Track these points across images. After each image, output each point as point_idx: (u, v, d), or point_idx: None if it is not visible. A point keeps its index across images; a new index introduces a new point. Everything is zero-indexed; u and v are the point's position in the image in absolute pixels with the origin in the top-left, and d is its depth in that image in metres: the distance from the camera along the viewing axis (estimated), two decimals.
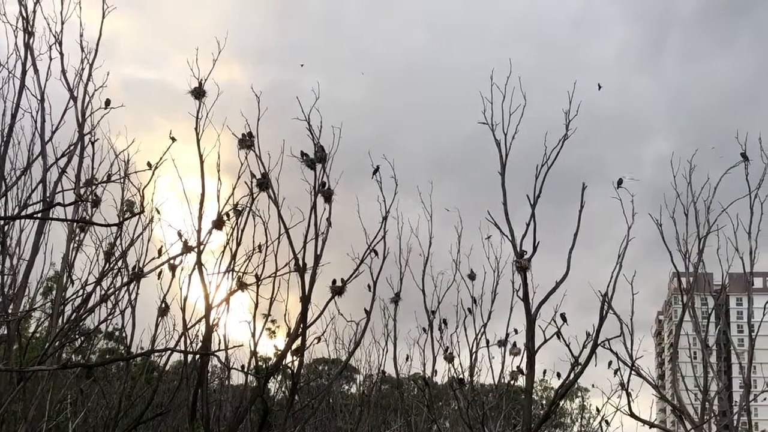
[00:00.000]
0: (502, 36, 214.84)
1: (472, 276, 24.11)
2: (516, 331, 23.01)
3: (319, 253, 18.98)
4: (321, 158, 19.22)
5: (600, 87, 21.11)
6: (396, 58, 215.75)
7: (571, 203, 20.79)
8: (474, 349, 24.07)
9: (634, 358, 21.05)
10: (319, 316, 19.49)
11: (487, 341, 24.05)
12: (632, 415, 21.11)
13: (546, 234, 21.02)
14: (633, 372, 21.13)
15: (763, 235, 22.72)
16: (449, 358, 24.31)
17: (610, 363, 21.26)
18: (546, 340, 20.52)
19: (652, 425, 22.14)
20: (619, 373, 21.20)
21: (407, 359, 27.15)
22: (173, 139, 18.74)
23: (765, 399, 23.96)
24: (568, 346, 20.07)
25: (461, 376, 23.79)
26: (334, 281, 19.77)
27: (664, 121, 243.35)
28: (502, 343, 23.95)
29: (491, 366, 24.25)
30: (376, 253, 20.62)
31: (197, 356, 19.41)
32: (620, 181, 21.24)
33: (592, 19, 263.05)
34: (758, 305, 27.23)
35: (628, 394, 21.02)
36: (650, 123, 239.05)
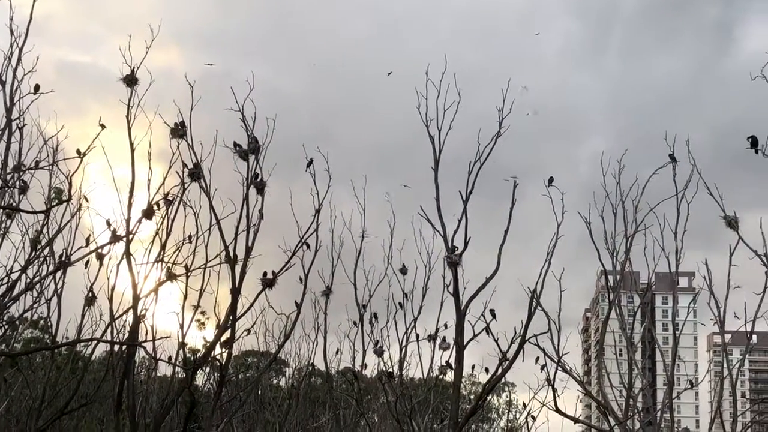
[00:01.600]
0: (446, 30, 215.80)
1: (403, 270, 24.18)
2: (446, 326, 23.16)
3: (250, 244, 18.86)
4: (254, 149, 19.10)
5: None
6: (339, 49, 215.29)
7: (507, 199, 20.99)
8: (404, 344, 24.20)
9: (560, 355, 21.31)
10: (249, 308, 19.41)
11: (417, 336, 24.19)
12: (557, 410, 21.37)
13: (482, 230, 21.20)
14: (559, 368, 21.39)
15: (688, 236, 23.10)
16: (379, 352, 24.37)
17: (537, 359, 21.52)
18: (475, 336, 20.65)
19: (576, 421, 22.45)
20: (545, 369, 21.46)
21: (337, 352, 27.18)
22: (102, 126, 18.50)
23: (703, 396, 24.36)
24: (496, 341, 20.24)
25: (391, 370, 23.88)
26: (265, 273, 19.67)
27: (602, 118, 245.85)
28: (431, 338, 24.08)
29: (420, 360, 24.42)
30: (308, 246, 20.57)
31: (124, 347, 19.18)
32: (551, 180, 21.46)
33: (536, 14, 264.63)
34: (683, 304, 27.70)
35: (554, 390, 21.28)
36: (589, 120, 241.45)
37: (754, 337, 24.01)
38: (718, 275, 22.85)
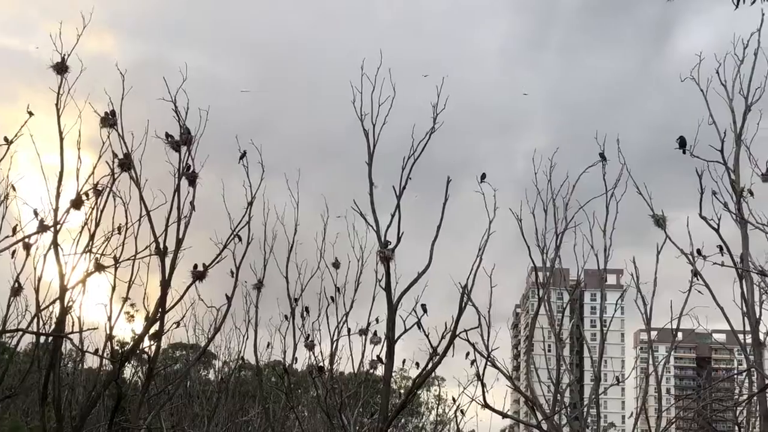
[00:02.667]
0: (385, 24, 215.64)
1: (336, 264, 24.14)
2: (377, 321, 23.17)
3: (181, 236, 18.70)
4: (186, 140, 18.93)
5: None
6: (280, 39, 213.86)
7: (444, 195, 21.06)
8: (335, 338, 24.16)
9: (490, 350, 21.45)
10: (178, 300, 19.26)
11: (349, 330, 24.17)
12: (486, 405, 21.52)
13: (419, 225, 21.24)
14: (489, 363, 21.53)
15: (617, 234, 23.45)
16: (310, 346, 24.31)
17: (467, 354, 21.65)
18: (406, 330, 20.74)
19: (504, 416, 22.62)
20: (475, 364, 21.60)
21: (268, 346, 27.03)
22: (30, 114, 18.18)
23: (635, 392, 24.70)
24: (427, 336, 20.33)
25: (321, 364, 23.83)
26: (195, 266, 19.52)
27: (541, 115, 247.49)
28: (363, 332, 24.08)
29: (351, 354, 24.40)
30: (240, 239, 20.46)
31: (50, 338, 18.91)
32: (483, 176, 21.60)
33: (476, 10, 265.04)
34: (610, 301, 28.18)
35: (483, 385, 21.43)
36: (528, 117, 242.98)
37: (680, 334, 24.46)
38: (647, 273, 23.25)
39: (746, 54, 21.00)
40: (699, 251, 21.09)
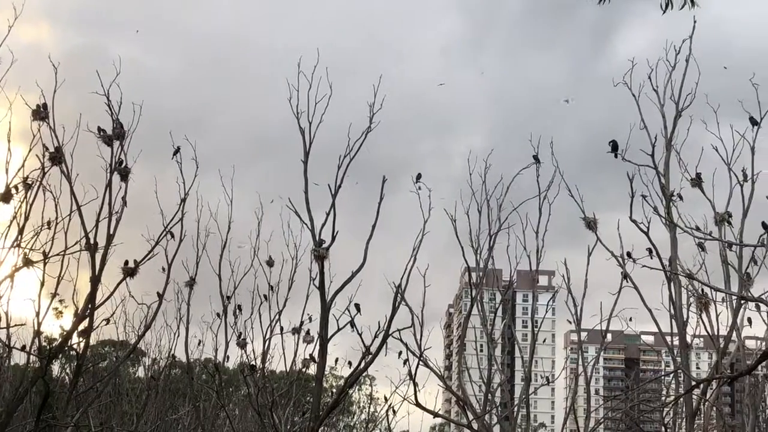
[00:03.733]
0: (327, 21, 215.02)
1: (270, 263, 24.02)
2: (310, 319, 23.09)
3: (112, 232, 18.48)
4: (119, 135, 18.72)
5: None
6: (218, 33, 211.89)
7: (387, 193, 21.09)
8: (268, 336, 24.03)
9: (422, 349, 21.55)
10: (108, 297, 19.04)
11: (282, 328, 24.06)
12: (418, 404, 21.61)
13: (357, 223, 21.21)
14: (421, 363, 21.63)
15: (552, 235, 23.75)
16: (242, 344, 24.16)
17: (400, 353, 21.72)
18: (339, 329, 20.71)
19: (436, 415, 22.74)
20: (408, 363, 21.69)
21: (199, 344, 26.87)
22: None
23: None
24: (360, 335, 20.35)
25: (253, 362, 23.70)
26: (126, 262, 19.32)
27: (481, 115, 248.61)
28: (296, 331, 24.00)
29: (284, 353, 24.31)
30: (173, 236, 20.28)
31: None
32: (419, 176, 21.70)
33: (418, 10, 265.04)
34: (542, 302, 28.45)
35: (415, 384, 21.52)
36: (469, 116, 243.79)
37: (609, 335, 24.82)
38: (580, 274, 23.56)
39: (678, 60, 21.37)
40: (629, 254, 21.39)
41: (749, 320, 21.22)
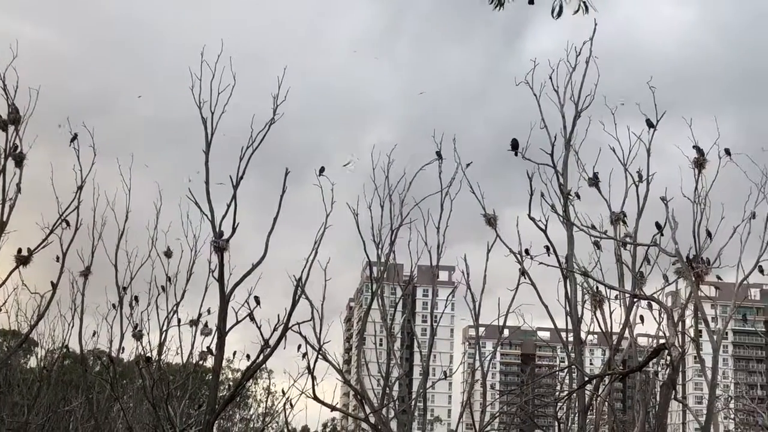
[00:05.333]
0: (237, 9, 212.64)
1: (168, 253, 23.72)
2: (209, 312, 22.89)
3: (5, 219, 18.04)
4: (14, 120, 18.27)
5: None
6: (122, 18, 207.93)
7: (293, 185, 21.00)
8: (165, 328, 23.72)
9: (322, 343, 21.54)
10: (0, 285, 18.62)
11: (179, 320, 23.78)
12: (315, 398, 21.61)
13: (264, 216, 21.05)
14: (320, 356, 21.61)
15: (454, 231, 23.97)
16: (138, 336, 23.82)
17: (299, 347, 21.68)
18: (238, 322, 20.57)
19: (333, 408, 22.77)
20: (307, 357, 21.65)
21: (94, 335, 26.35)
22: None
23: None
24: (259, 328, 20.24)
25: (149, 354, 23.36)
26: (20, 250, 18.91)
27: (392, 108, 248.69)
28: (194, 323, 23.76)
29: (181, 345, 24.03)
30: (68, 224, 19.89)
31: None
32: (322, 169, 21.67)
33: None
34: (442, 297, 28.70)
35: (314, 378, 21.53)
36: (379, 109, 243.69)
37: (506, 331, 25.17)
38: (481, 270, 23.81)
39: (578, 62, 21.72)
40: (527, 251, 21.76)
41: (641, 318, 21.76)
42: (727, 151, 21.26)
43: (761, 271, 21.93)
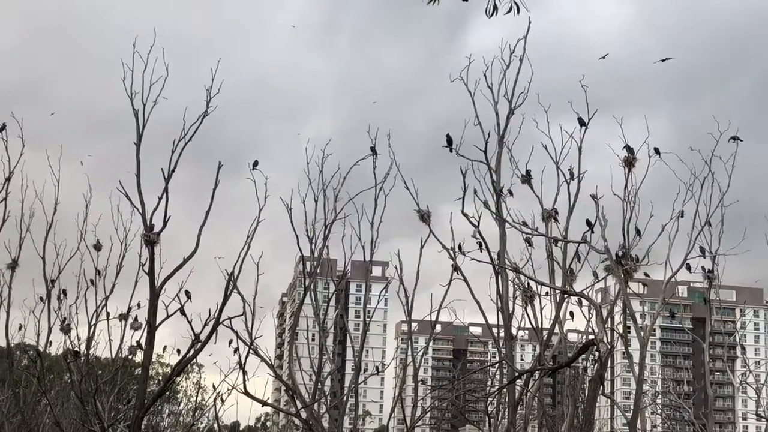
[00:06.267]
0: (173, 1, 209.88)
1: (97, 246, 23.42)
2: (139, 306, 22.65)
3: None
4: None
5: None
6: (52, 4, 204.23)
7: (231, 179, 20.85)
8: (93, 322, 23.42)
9: (253, 338, 21.42)
10: None
11: (108, 314, 23.50)
12: (246, 393, 21.48)
13: (198, 209, 20.89)
14: (251, 351, 21.49)
15: (385, 226, 23.98)
16: (66, 330, 23.49)
17: (230, 342, 21.51)
18: (168, 316, 20.39)
19: (264, 404, 22.64)
20: (238, 352, 21.51)
21: (21, 328, 25.94)
22: None
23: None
24: (189, 322, 20.08)
25: (77, 348, 23.03)
26: None
27: (330, 101, 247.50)
28: (123, 317, 23.49)
29: (110, 339, 23.74)
30: None
31: None
32: (255, 163, 21.55)
33: None
34: (375, 292, 28.77)
35: (244, 373, 21.39)
36: (317, 103, 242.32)
37: (438, 326, 25.29)
38: (414, 266, 23.86)
39: (512, 59, 21.86)
40: (460, 247, 21.86)
41: (571, 314, 22.00)
42: (657, 151, 21.56)
43: (689, 268, 22.31)
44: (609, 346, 16.81)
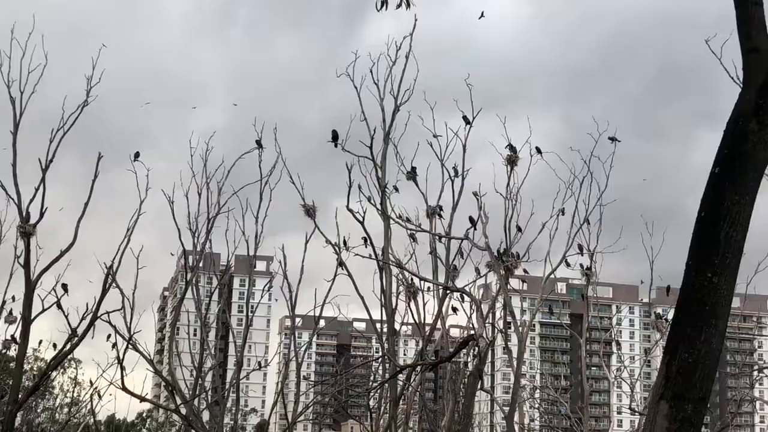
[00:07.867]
0: None
1: None
2: (14, 299, 22.03)
3: None
4: None
5: None
6: None
7: (115, 170, 20.44)
8: None
9: (132, 333, 21.07)
10: None
11: None
12: (125, 388, 21.07)
13: (82, 201, 20.45)
14: (130, 346, 21.12)
15: (272, 221, 23.86)
16: None
17: (108, 336, 21.10)
18: (44, 310, 19.98)
19: (142, 399, 22.24)
20: (116, 346, 21.11)
21: None
22: None
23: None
24: (66, 316, 19.70)
25: None
26: None
27: (222, 91, 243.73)
28: None
29: None
30: None
31: None
32: (137, 155, 21.24)
33: None
34: (259, 287, 28.55)
35: (123, 368, 20.96)
36: (209, 92, 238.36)
37: (322, 321, 25.27)
38: (299, 261, 23.77)
39: (399, 56, 21.97)
40: (345, 242, 21.88)
41: (454, 309, 22.24)
42: (538, 150, 22.01)
43: (568, 265, 22.86)
44: (488, 342, 17.07)
